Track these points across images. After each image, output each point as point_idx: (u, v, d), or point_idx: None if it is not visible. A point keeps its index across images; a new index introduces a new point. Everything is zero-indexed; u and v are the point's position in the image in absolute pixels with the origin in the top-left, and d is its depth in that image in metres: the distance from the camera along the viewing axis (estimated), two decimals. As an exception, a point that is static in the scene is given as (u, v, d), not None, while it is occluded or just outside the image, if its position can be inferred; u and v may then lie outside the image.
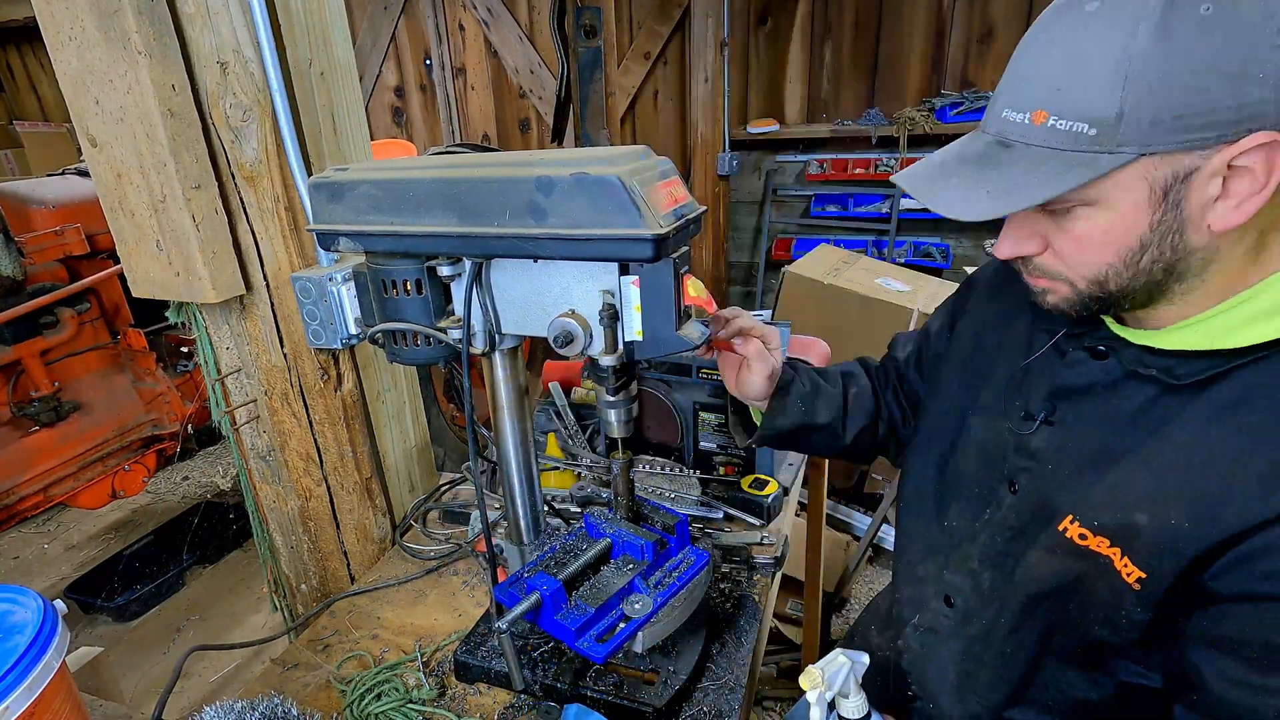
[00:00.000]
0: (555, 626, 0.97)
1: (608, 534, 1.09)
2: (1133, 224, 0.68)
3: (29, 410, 2.63)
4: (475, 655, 1.14)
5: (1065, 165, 0.67)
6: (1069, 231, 0.72)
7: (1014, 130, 0.70)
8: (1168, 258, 0.69)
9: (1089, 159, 0.66)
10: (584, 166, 0.81)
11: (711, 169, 4.68)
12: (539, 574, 1.01)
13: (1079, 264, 0.74)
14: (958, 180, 0.74)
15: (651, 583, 1.04)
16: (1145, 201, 0.67)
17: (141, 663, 2.75)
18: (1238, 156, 0.63)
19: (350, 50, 1.35)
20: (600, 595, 1.00)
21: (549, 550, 1.10)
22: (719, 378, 1.54)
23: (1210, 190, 0.65)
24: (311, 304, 1.13)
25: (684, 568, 1.07)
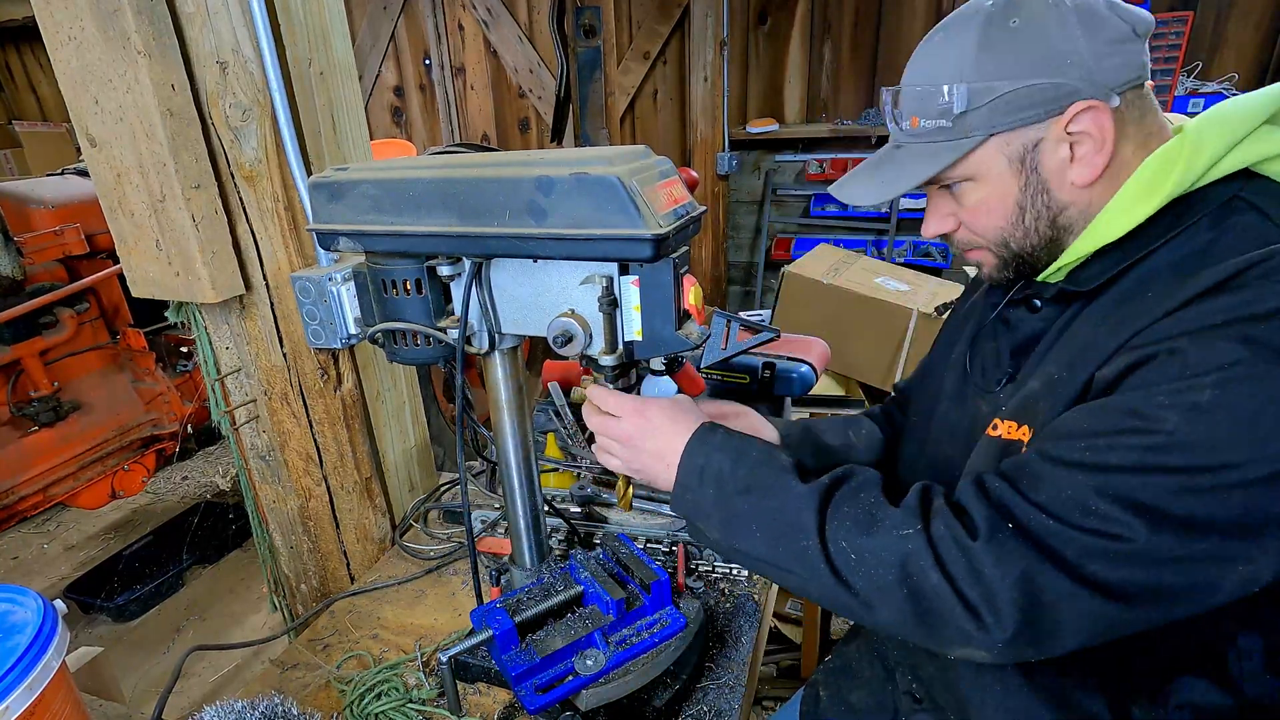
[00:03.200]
0: (504, 664, 0.95)
1: (583, 582, 1.05)
2: (1006, 190, 0.85)
3: (28, 410, 2.63)
4: (475, 655, 1.14)
5: (936, 153, 0.86)
6: (965, 205, 0.89)
7: (901, 136, 0.91)
8: (1046, 214, 0.85)
9: (952, 145, 0.85)
10: (584, 166, 0.81)
11: (711, 169, 4.68)
12: (495, 610, 0.99)
13: (982, 230, 0.90)
14: (862, 177, 0.94)
15: (614, 640, 0.99)
16: (1008, 171, 0.84)
17: (141, 663, 2.74)
18: (1069, 124, 0.80)
19: (350, 50, 1.35)
20: (550, 645, 0.97)
21: (536, 582, 1.09)
22: (719, 377, 1.55)
23: (1060, 154, 0.82)
24: (311, 304, 1.13)
25: (657, 629, 1.01)
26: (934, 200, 0.93)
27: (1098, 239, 0.83)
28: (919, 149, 0.88)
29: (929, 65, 0.86)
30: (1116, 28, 0.79)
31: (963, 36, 0.83)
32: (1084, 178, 0.82)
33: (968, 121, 0.82)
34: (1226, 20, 3.70)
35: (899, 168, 0.89)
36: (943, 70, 0.84)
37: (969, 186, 0.87)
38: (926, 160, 0.86)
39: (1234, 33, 3.71)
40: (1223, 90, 3.66)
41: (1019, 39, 0.80)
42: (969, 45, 0.82)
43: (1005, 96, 0.80)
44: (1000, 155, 0.84)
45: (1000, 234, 0.88)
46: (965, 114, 0.82)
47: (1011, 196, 0.85)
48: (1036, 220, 0.86)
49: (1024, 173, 0.84)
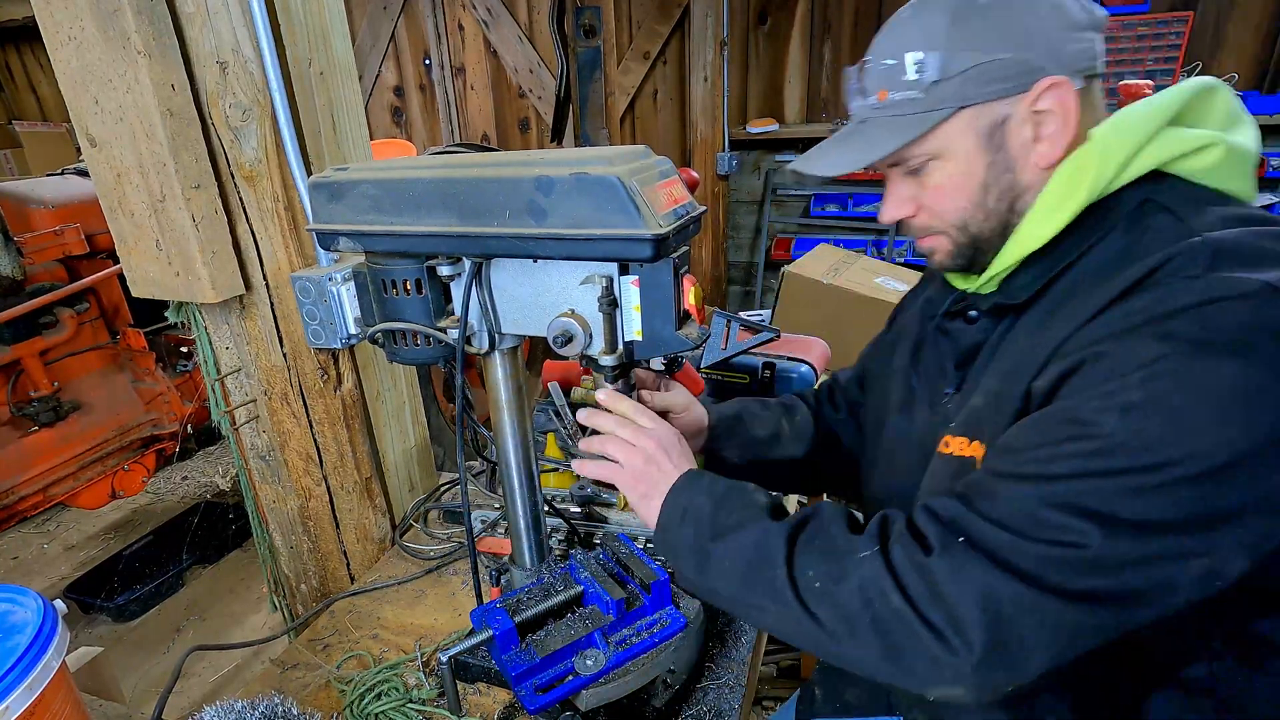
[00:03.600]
0: (504, 664, 0.95)
1: (583, 582, 1.05)
2: (972, 168, 0.85)
3: (28, 410, 2.63)
4: (475, 655, 1.14)
5: (904, 126, 0.85)
6: (928, 186, 0.88)
7: (867, 111, 0.89)
8: (1008, 196, 0.86)
9: (920, 118, 0.84)
10: (584, 166, 0.81)
11: (711, 169, 4.68)
12: (495, 611, 0.99)
13: (944, 212, 0.89)
14: (829, 151, 0.93)
15: (614, 640, 0.99)
16: (976, 148, 0.84)
17: (141, 663, 2.74)
18: (1035, 101, 0.81)
19: (350, 50, 1.35)
20: (550, 645, 0.97)
21: (537, 582, 1.08)
22: (719, 377, 1.55)
23: (1025, 133, 0.83)
24: (311, 304, 1.13)
25: (657, 629, 1.01)
26: (894, 184, 0.93)
27: (1022, 247, 0.85)
28: (886, 122, 0.87)
29: (899, 38, 0.86)
30: (1076, 16, 0.82)
31: (934, 11, 0.83)
32: (1047, 157, 0.83)
33: (939, 92, 0.82)
34: (1226, 20, 3.69)
35: (866, 140, 0.88)
36: (914, 41, 0.84)
37: (935, 165, 0.87)
38: (895, 132, 0.86)
39: (1234, 33, 3.71)
40: (1223, 90, 3.65)
41: (990, 14, 0.81)
42: (941, 18, 0.82)
43: (978, 68, 0.81)
44: (970, 130, 0.84)
45: (961, 215, 0.88)
46: (937, 83, 0.82)
47: (977, 175, 0.86)
48: (998, 202, 0.86)
49: (991, 149, 0.84)
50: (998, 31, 0.81)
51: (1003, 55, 0.80)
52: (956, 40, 0.81)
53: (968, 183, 0.86)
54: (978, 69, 0.81)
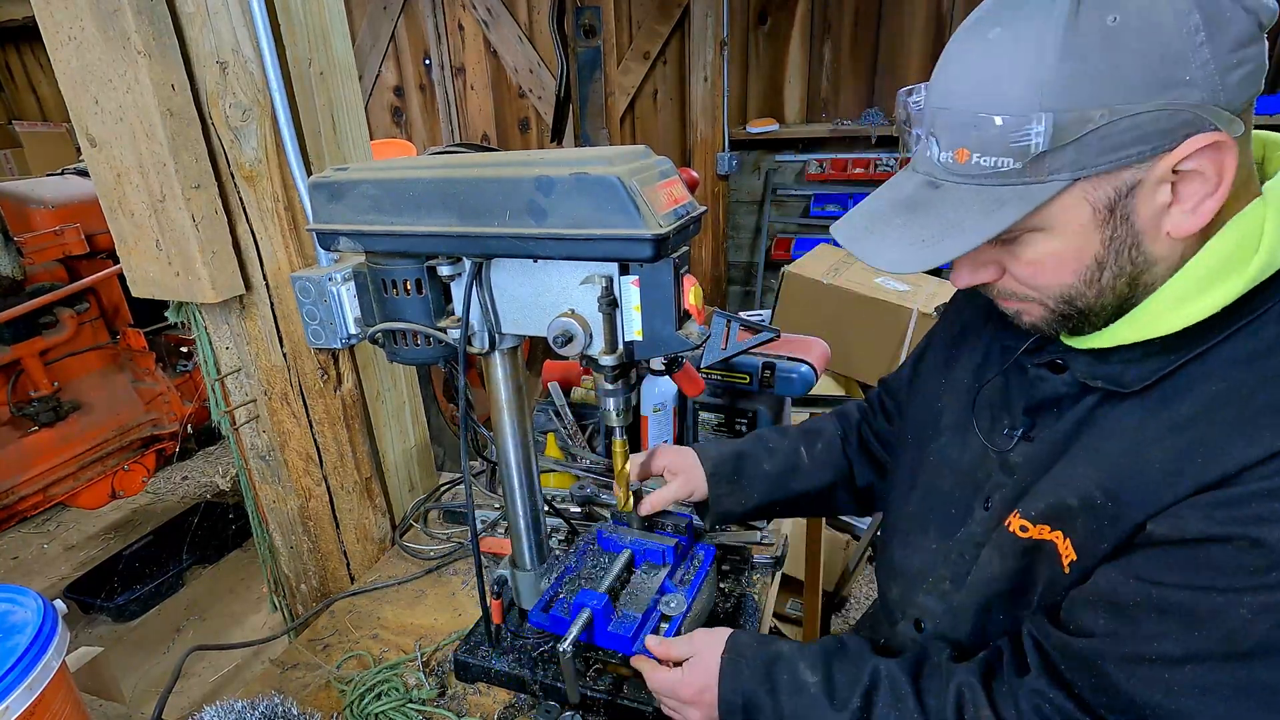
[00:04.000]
0: (609, 638, 1.01)
1: (626, 544, 1.15)
2: (1084, 245, 0.67)
3: (28, 410, 2.63)
4: (475, 655, 1.14)
5: (996, 202, 0.65)
6: (1020, 258, 0.71)
7: (940, 170, 0.69)
8: (1129, 271, 0.68)
9: (1020, 192, 0.64)
10: (584, 166, 0.81)
11: (711, 169, 4.68)
12: (582, 591, 1.05)
13: (1042, 286, 0.72)
14: (891, 231, 0.72)
15: (676, 580, 1.11)
16: (1091, 222, 0.65)
17: (141, 663, 2.75)
18: (1181, 162, 0.61)
19: (350, 50, 1.35)
20: (641, 601, 1.06)
21: (567, 570, 1.13)
22: (719, 377, 1.55)
23: (1160, 199, 0.64)
24: (311, 304, 1.13)
25: (697, 563, 1.14)
26: None
27: (1145, 330, 0.68)
28: (971, 193, 0.67)
29: (985, 79, 0.64)
30: (1241, 24, 0.58)
31: (1037, 37, 0.60)
32: (1185, 228, 0.64)
33: (1046, 163, 0.62)
34: (1226, 20, 3.69)
35: (943, 219, 0.68)
36: (1009, 87, 0.62)
37: (1032, 238, 0.69)
38: (984, 211, 0.65)
39: (1234, 33, 3.71)
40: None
41: (1121, 43, 0.58)
42: (1049, 51, 0.59)
43: (1100, 130, 0.59)
44: (1084, 203, 0.64)
45: (1066, 291, 0.71)
46: (1044, 151, 0.61)
47: (1090, 252, 0.67)
48: (1116, 278, 0.68)
49: (1111, 224, 0.65)
50: (1132, 71, 0.58)
51: (1139, 109, 0.59)
52: (1075, 90, 0.59)
53: (1077, 261, 0.68)
54: (1101, 131, 0.60)
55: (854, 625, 1.25)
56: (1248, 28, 0.59)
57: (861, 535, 2.84)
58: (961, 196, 0.68)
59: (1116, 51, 0.58)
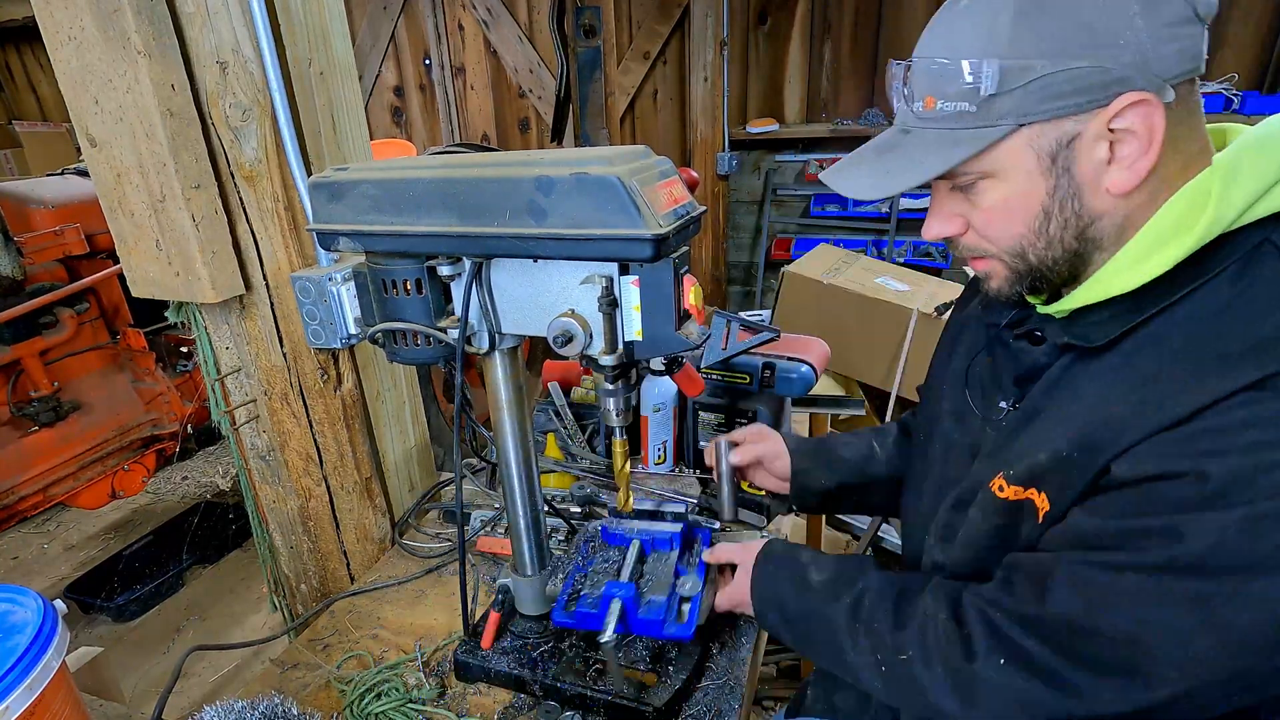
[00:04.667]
0: (641, 624, 1.08)
1: (633, 536, 1.21)
2: (1031, 191, 0.74)
3: (28, 410, 2.63)
4: (475, 655, 1.14)
5: (954, 142, 0.74)
6: (979, 206, 0.79)
7: (911, 119, 0.79)
8: (1074, 224, 0.75)
9: (973, 134, 0.73)
10: (584, 166, 0.81)
11: (711, 169, 4.68)
12: (610, 583, 1.10)
13: (996, 237, 0.79)
14: (865, 166, 0.82)
15: (687, 563, 1.17)
16: (1036, 169, 0.73)
17: (141, 663, 2.75)
18: (1113, 119, 0.69)
19: (350, 50, 1.35)
20: (662, 586, 1.12)
21: (576, 569, 1.17)
22: (719, 377, 1.55)
23: (1098, 154, 0.71)
24: (311, 304, 1.13)
25: (698, 543, 1.21)
26: (940, 197, 0.82)
27: (1106, 288, 0.74)
28: (933, 136, 0.76)
29: (952, 35, 0.73)
30: (1177, 7, 0.67)
31: (996, 2, 0.70)
32: (1122, 184, 0.71)
33: (996, 106, 0.71)
34: (1226, 20, 3.69)
35: (907, 157, 0.77)
36: (970, 42, 0.71)
37: (987, 184, 0.76)
38: (942, 150, 0.75)
39: (1234, 33, 3.71)
40: (1223, 90, 3.65)
41: (1065, 9, 0.68)
42: (1004, 13, 0.69)
43: (1043, 79, 0.68)
44: (1029, 150, 0.72)
45: (1018, 242, 0.78)
46: (994, 97, 0.70)
47: (1037, 199, 0.74)
48: (1063, 229, 0.75)
49: (1054, 173, 0.73)
50: (1072, 33, 0.67)
51: (1076, 64, 0.67)
52: (1020, 43, 0.69)
53: (1025, 208, 0.75)
54: (1043, 80, 0.68)
55: None
56: (1183, 11, 0.68)
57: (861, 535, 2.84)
58: (926, 139, 0.77)
59: (1061, 13, 0.68)
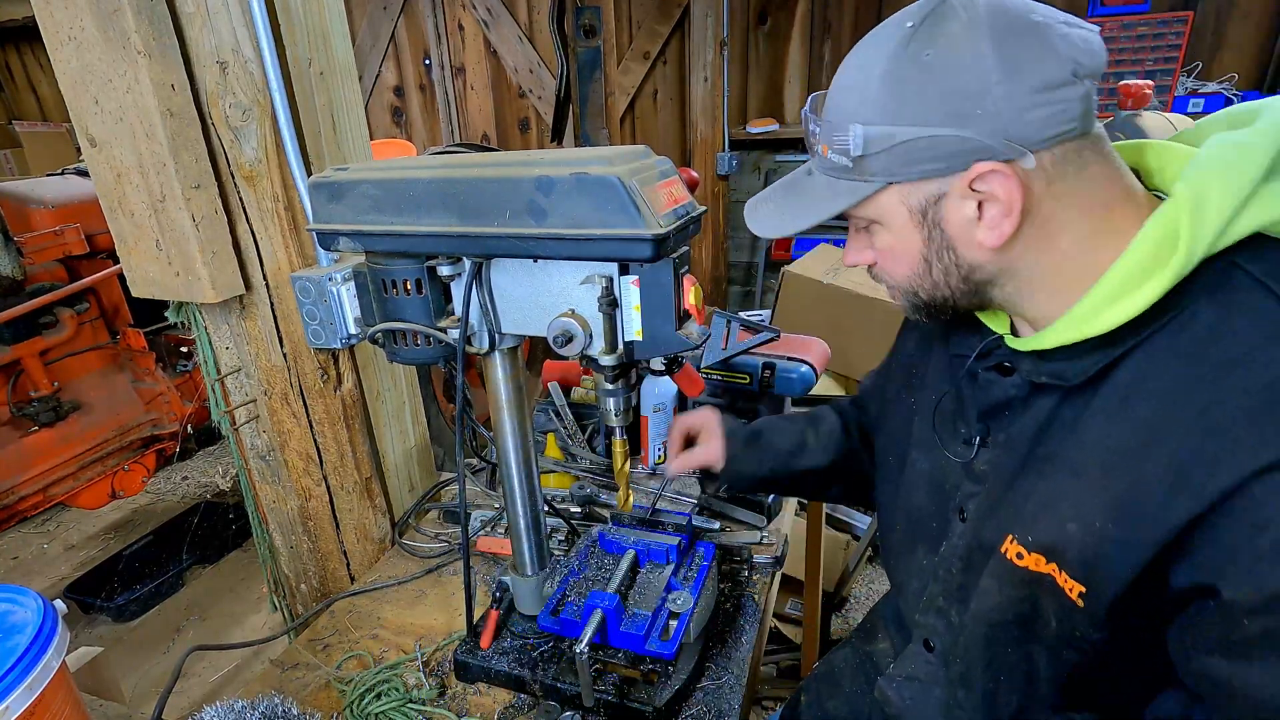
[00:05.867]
0: (622, 638, 1.03)
1: (629, 545, 1.17)
2: (909, 241, 0.78)
3: (28, 410, 2.63)
4: (475, 655, 1.14)
5: (835, 191, 0.79)
6: (875, 246, 0.83)
7: (815, 161, 0.83)
8: (955, 271, 0.78)
9: (850, 186, 0.78)
10: (584, 166, 0.81)
11: (711, 169, 4.68)
12: (593, 592, 1.07)
13: (890, 275, 0.84)
14: (772, 204, 0.88)
15: (682, 578, 1.13)
16: (909, 223, 0.77)
17: (141, 663, 2.75)
18: (974, 183, 0.71)
19: (350, 50, 1.35)
20: (650, 600, 1.08)
21: (571, 574, 1.15)
22: (719, 377, 1.55)
23: (966, 211, 0.73)
24: (311, 304, 1.13)
25: (699, 560, 1.17)
26: (852, 232, 0.87)
27: (1081, 330, 0.73)
28: (826, 182, 0.81)
29: (838, 90, 0.78)
30: (1047, 71, 0.67)
31: (874, 61, 0.73)
32: (991, 241, 0.73)
33: (867, 165, 0.75)
34: (1226, 20, 3.69)
35: (803, 200, 0.83)
36: (845, 104, 0.76)
37: (877, 229, 0.81)
38: (829, 197, 0.80)
39: (1234, 33, 3.71)
40: (1222, 90, 3.65)
41: (928, 77, 0.69)
42: (875, 76, 0.72)
43: (904, 145, 0.71)
44: (901, 205, 0.76)
45: (908, 283, 0.82)
46: (864, 157, 0.74)
47: (915, 249, 0.79)
48: (945, 275, 0.79)
49: (926, 226, 0.76)
50: (933, 102, 0.69)
51: (935, 132, 0.70)
52: (887, 109, 0.72)
53: (907, 254, 0.80)
54: (905, 146, 0.71)
55: (854, 628, 1.25)
56: (1055, 75, 0.67)
57: (862, 535, 2.84)
58: (819, 184, 0.82)
59: (925, 82, 0.70)
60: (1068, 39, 0.68)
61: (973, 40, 0.68)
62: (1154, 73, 3.61)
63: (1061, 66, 0.67)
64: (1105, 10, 3.72)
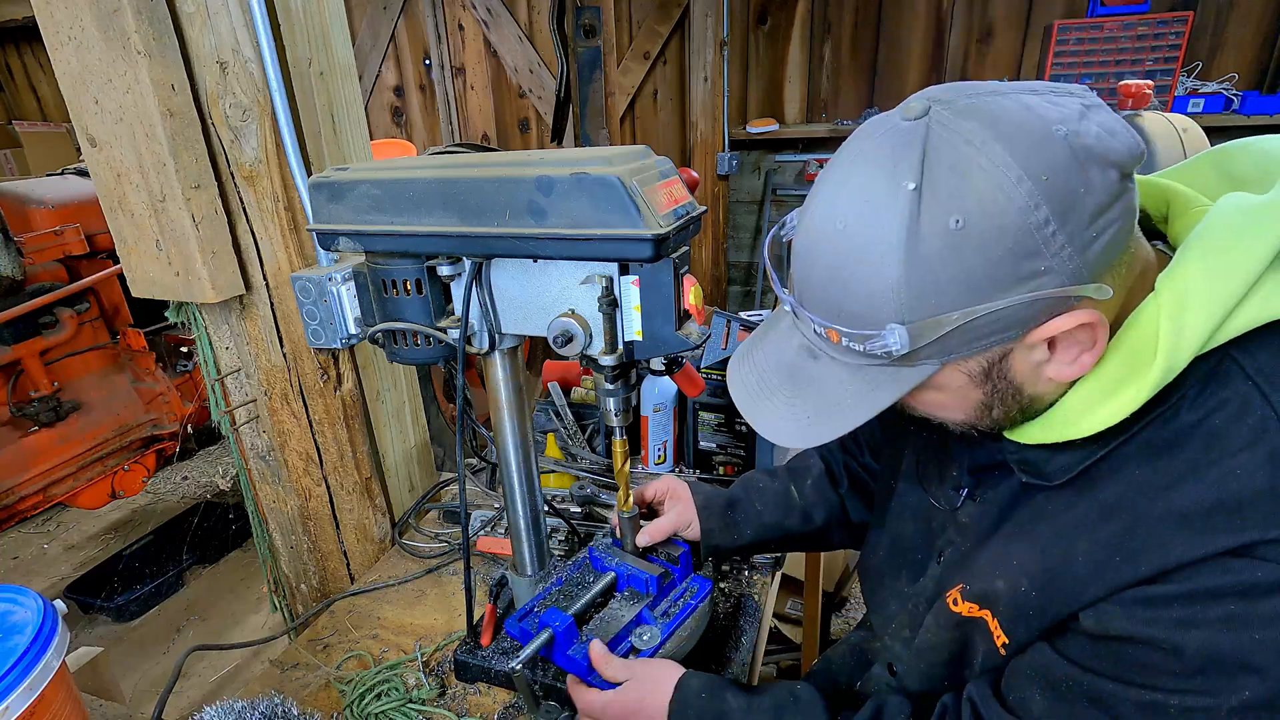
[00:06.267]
0: (567, 661, 0.98)
1: (612, 567, 1.10)
2: (967, 396, 0.69)
3: (29, 410, 2.63)
4: (475, 655, 1.14)
5: (871, 384, 0.67)
6: (919, 399, 0.73)
7: (817, 341, 0.70)
8: (1017, 405, 0.70)
9: (893, 374, 0.66)
10: (584, 166, 0.81)
11: (711, 169, 4.68)
12: (550, 609, 1.01)
13: (941, 418, 0.75)
14: (779, 400, 0.73)
15: (658, 613, 1.05)
16: (969, 384, 0.68)
17: (141, 663, 2.75)
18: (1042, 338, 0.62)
19: (350, 50, 1.35)
20: (609, 629, 1.01)
21: (555, 583, 1.11)
22: (719, 377, 1.55)
23: (1035, 357, 0.65)
24: (311, 304, 1.13)
25: (688, 597, 1.08)
26: None
27: (1062, 432, 0.68)
28: (846, 372, 0.69)
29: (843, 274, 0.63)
30: (1099, 191, 0.58)
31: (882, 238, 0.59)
32: (1069, 375, 0.66)
33: (915, 353, 0.63)
34: (1226, 20, 3.70)
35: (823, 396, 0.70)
36: (866, 289, 0.61)
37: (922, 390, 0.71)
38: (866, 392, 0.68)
39: (1234, 33, 3.71)
40: (1223, 90, 3.65)
41: (966, 247, 0.57)
42: (893, 262, 0.59)
43: (960, 329, 0.60)
44: (959, 374, 0.67)
45: (964, 422, 0.74)
46: (910, 348, 0.62)
47: (974, 400, 0.70)
48: (1007, 412, 0.71)
49: (989, 382, 0.67)
50: (979, 275, 0.58)
51: (997, 305, 0.58)
52: (922, 301, 0.59)
53: (965, 405, 0.71)
54: (960, 329, 0.60)
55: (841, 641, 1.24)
56: (1106, 190, 0.58)
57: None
58: (838, 374, 0.69)
59: (963, 257, 0.58)
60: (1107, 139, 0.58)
61: (1002, 184, 0.56)
62: (1154, 73, 3.61)
63: (1109, 174, 0.58)
64: (1105, 10, 3.73)
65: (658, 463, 1.64)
